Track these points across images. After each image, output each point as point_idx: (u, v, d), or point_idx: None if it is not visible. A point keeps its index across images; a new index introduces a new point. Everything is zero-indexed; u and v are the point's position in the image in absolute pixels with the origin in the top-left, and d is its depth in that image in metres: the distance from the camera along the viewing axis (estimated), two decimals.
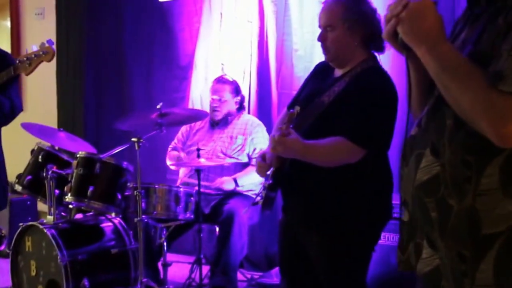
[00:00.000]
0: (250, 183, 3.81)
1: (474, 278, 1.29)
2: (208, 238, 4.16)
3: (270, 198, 2.28)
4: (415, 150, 1.40)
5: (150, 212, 3.38)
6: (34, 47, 2.98)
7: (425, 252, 1.39)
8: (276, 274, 3.80)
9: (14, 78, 3.08)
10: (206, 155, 3.80)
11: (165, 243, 3.43)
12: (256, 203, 2.38)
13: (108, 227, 3.47)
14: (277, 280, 3.69)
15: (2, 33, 5.76)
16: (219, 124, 4.02)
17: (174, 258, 4.00)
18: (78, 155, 3.43)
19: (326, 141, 2.16)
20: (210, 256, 3.86)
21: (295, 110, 2.13)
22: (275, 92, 4.32)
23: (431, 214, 1.35)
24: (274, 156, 2.24)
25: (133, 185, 3.36)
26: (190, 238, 4.17)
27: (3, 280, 3.64)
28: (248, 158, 3.91)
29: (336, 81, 2.29)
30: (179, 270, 4.07)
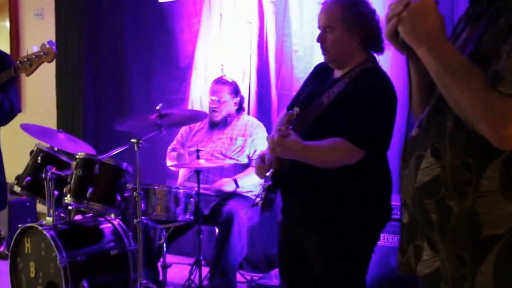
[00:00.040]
0: (250, 184, 3.81)
1: (474, 281, 1.28)
2: (207, 240, 4.16)
3: (269, 200, 2.28)
4: (416, 151, 1.40)
5: (150, 213, 3.37)
6: (34, 48, 2.97)
7: (425, 254, 1.39)
8: (275, 276, 3.79)
9: (13, 78, 3.07)
10: (206, 156, 3.80)
11: (164, 245, 3.43)
12: (255, 205, 2.38)
13: (107, 229, 3.47)
14: (276, 281, 3.68)
15: (1, 33, 5.75)
16: (219, 125, 4.01)
17: (174, 259, 4.00)
18: (77, 156, 3.42)
19: (326, 142, 2.16)
20: (209, 257, 3.86)
21: (294, 111, 2.13)
22: (275, 93, 4.31)
23: (431, 216, 1.34)
24: (273, 157, 2.24)
25: (132, 186, 3.35)
26: (190, 240, 4.17)
27: (2, 281, 3.63)
28: (248, 160, 3.91)
29: (335, 82, 2.28)
30: (179, 271, 4.07)
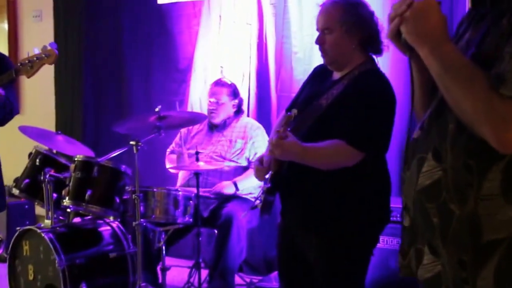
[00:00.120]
0: (250, 187, 3.80)
1: (475, 286, 1.27)
2: (207, 242, 4.15)
3: (268, 202, 2.27)
4: (417, 154, 1.38)
5: (149, 215, 3.36)
6: (36, 50, 2.96)
7: (426, 258, 1.37)
8: (275, 278, 3.79)
9: (13, 80, 3.07)
10: (205, 159, 3.79)
11: (163, 247, 3.41)
12: (255, 207, 2.37)
13: (106, 231, 3.46)
14: (276, 284, 3.67)
15: None
16: (218, 127, 4.00)
17: (173, 262, 3.98)
18: (76, 159, 3.41)
19: (325, 144, 2.15)
20: (209, 260, 3.84)
21: (292, 113, 2.12)
22: (274, 94, 4.30)
23: (433, 220, 1.33)
24: (272, 159, 2.23)
25: (131, 188, 3.34)
26: (189, 242, 4.16)
27: (1, 284, 3.62)
28: (247, 162, 3.89)
29: (334, 83, 2.28)
30: (178, 274, 4.06)
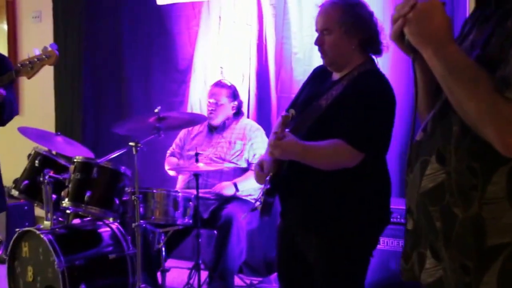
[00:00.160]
0: (250, 188, 3.79)
1: None
2: (207, 243, 4.14)
3: (268, 204, 2.27)
4: (421, 156, 1.37)
5: (148, 217, 3.35)
6: (36, 51, 2.95)
7: (428, 262, 1.36)
8: (275, 280, 3.78)
9: (13, 81, 3.06)
10: (205, 160, 3.78)
11: (163, 249, 3.40)
12: (255, 209, 2.36)
13: (105, 233, 3.45)
14: (276, 285, 3.66)
15: None
16: (217, 129, 4.00)
17: (173, 263, 3.97)
18: (75, 160, 3.41)
19: (325, 143, 2.15)
20: (208, 261, 3.83)
21: (290, 113, 2.12)
22: (274, 95, 4.30)
23: (436, 223, 1.32)
24: (271, 161, 2.23)
25: (131, 189, 3.33)
26: (189, 244, 4.15)
27: (0, 285, 3.62)
28: (247, 164, 3.89)
29: (333, 84, 2.27)
30: (178, 275, 4.05)
